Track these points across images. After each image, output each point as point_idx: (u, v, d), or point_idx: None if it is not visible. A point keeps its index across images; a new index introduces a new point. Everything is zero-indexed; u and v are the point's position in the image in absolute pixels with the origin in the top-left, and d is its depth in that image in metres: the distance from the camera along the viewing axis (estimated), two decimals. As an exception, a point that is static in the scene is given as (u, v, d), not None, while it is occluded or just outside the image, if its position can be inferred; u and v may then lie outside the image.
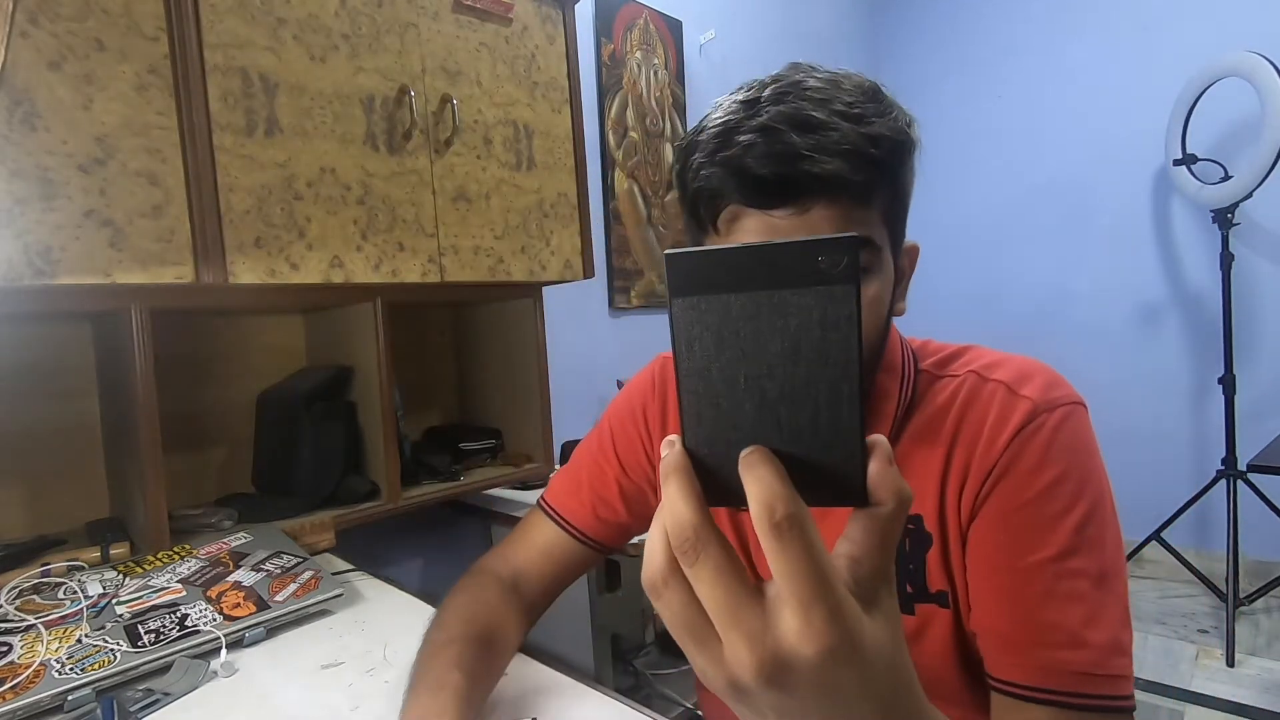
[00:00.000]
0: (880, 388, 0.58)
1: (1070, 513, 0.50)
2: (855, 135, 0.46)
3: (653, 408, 0.73)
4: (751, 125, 0.47)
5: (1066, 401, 0.53)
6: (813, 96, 0.47)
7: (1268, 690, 1.86)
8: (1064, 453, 0.51)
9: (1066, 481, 0.51)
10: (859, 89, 0.49)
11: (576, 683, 0.66)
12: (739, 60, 2.52)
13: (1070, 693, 0.47)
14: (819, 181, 0.46)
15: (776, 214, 0.47)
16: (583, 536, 0.74)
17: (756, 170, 0.46)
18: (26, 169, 0.80)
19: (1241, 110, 2.34)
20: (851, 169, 0.45)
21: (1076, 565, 0.49)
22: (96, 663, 0.69)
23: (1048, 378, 0.55)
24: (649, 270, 2.21)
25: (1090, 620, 0.48)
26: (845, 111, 0.46)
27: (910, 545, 0.56)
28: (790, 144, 0.45)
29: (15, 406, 1.07)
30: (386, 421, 1.20)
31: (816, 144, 0.45)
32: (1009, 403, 0.53)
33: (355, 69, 1.08)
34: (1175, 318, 2.67)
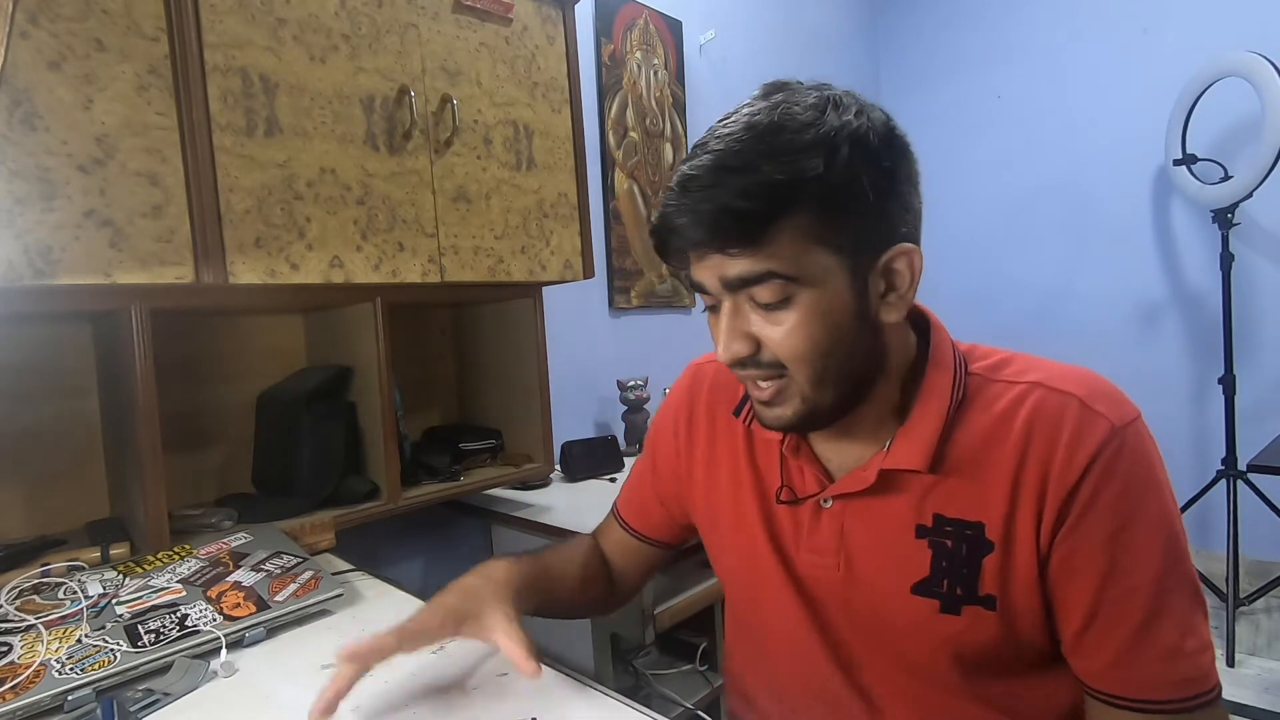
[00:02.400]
0: (930, 383, 0.59)
1: (1159, 532, 0.53)
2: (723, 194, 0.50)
3: (683, 421, 0.77)
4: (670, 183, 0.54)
5: (1134, 417, 0.55)
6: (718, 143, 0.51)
7: (1268, 690, 1.86)
8: (1146, 473, 0.54)
9: (1150, 502, 0.53)
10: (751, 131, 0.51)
11: (576, 683, 0.66)
12: (739, 60, 2.52)
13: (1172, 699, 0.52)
14: (701, 231, 0.51)
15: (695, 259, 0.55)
16: (643, 537, 0.83)
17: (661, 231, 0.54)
18: (26, 169, 0.80)
19: (1241, 110, 2.34)
20: (727, 219, 0.50)
21: (1171, 583, 0.53)
22: (96, 663, 0.69)
23: (1115, 394, 0.57)
24: (649, 270, 2.21)
25: (1186, 631, 0.52)
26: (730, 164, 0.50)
27: (967, 550, 0.56)
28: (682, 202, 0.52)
29: (15, 406, 1.07)
30: (386, 421, 1.20)
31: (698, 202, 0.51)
32: (1085, 419, 0.54)
33: (355, 69, 1.08)
34: (1175, 318, 2.67)
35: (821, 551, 0.62)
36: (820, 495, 0.62)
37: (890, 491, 0.59)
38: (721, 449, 0.72)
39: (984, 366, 0.60)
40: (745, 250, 0.51)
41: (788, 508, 0.65)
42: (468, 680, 0.68)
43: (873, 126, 0.52)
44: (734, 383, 0.72)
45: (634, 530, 0.83)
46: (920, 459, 0.56)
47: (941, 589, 0.57)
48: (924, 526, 0.57)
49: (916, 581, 0.57)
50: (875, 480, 0.58)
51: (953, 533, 0.56)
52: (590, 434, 1.90)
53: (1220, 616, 2.14)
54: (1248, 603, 2.15)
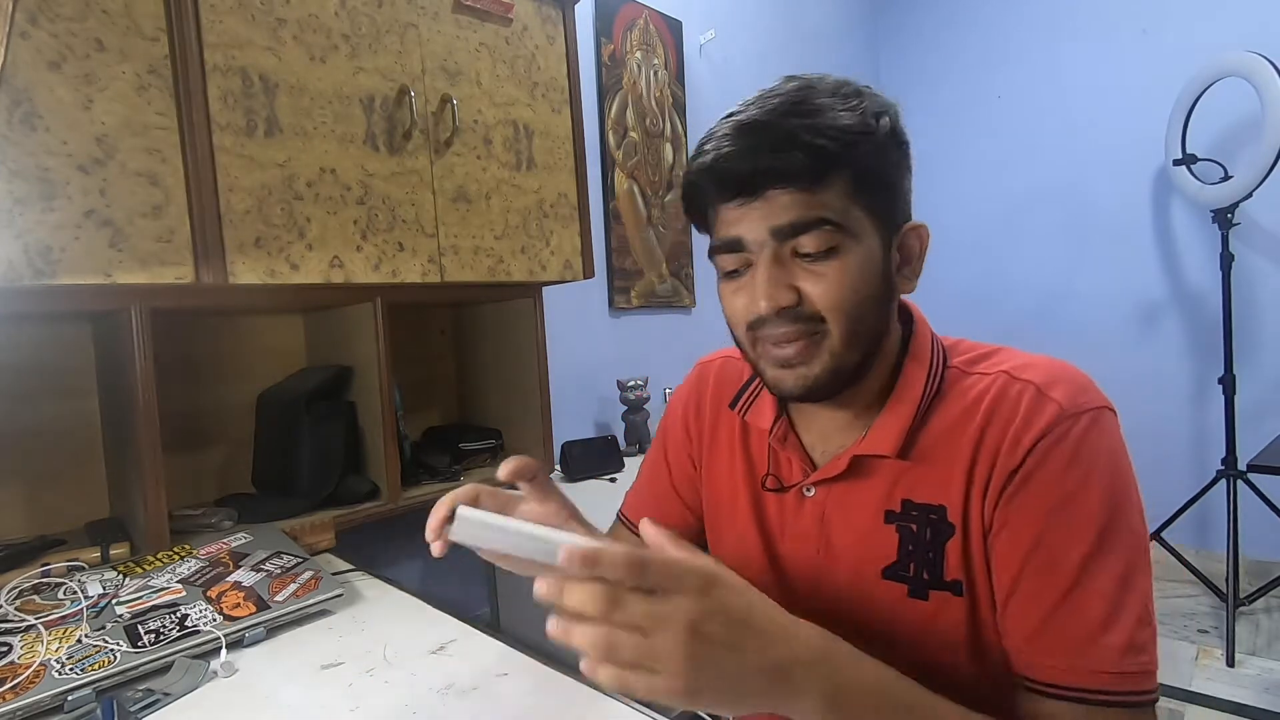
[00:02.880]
0: (906, 375, 0.60)
1: (1094, 519, 0.52)
2: (795, 129, 0.52)
3: (691, 415, 0.78)
4: (721, 132, 0.55)
5: (1094, 406, 0.54)
6: (768, 102, 0.54)
7: (1268, 690, 1.86)
8: (1089, 456, 0.53)
9: (1091, 488, 0.52)
10: (822, 89, 0.55)
11: (576, 683, 0.66)
12: (739, 60, 2.52)
13: (1087, 689, 0.50)
14: (765, 173, 0.53)
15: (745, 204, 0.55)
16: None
17: (720, 168, 0.55)
18: (26, 169, 0.80)
19: (1241, 110, 2.34)
20: (794, 159, 0.52)
21: (1098, 567, 0.51)
22: (96, 663, 0.69)
23: (1078, 382, 0.56)
24: (649, 270, 2.21)
25: (1108, 621, 0.50)
26: (791, 109, 0.53)
27: (931, 534, 0.58)
28: (743, 145, 0.53)
29: (15, 406, 1.07)
30: (386, 421, 1.20)
31: (762, 143, 0.53)
32: (1037, 404, 0.55)
33: (355, 69, 1.09)
34: (1175, 318, 2.67)
35: (802, 538, 0.64)
36: (803, 483, 0.64)
37: (863, 477, 0.61)
38: (721, 440, 0.74)
39: (963, 360, 0.62)
40: (804, 191, 0.53)
41: (775, 496, 0.67)
42: (468, 680, 0.68)
43: (900, 114, 0.57)
44: (736, 377, 0.74)
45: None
46: (890, 445, 0.58)
47: (909, 573, 0.58)
48: (892, 512, 0.59)
49: (885, 566, 0.59)
50: (847, 466, 0.60)
51: (918, 517, 0.58)
52: (590, 434, 1.90)
53: (1220, 616, 2.14)
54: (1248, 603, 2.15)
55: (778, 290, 0.55)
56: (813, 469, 0.64)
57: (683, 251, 2.33)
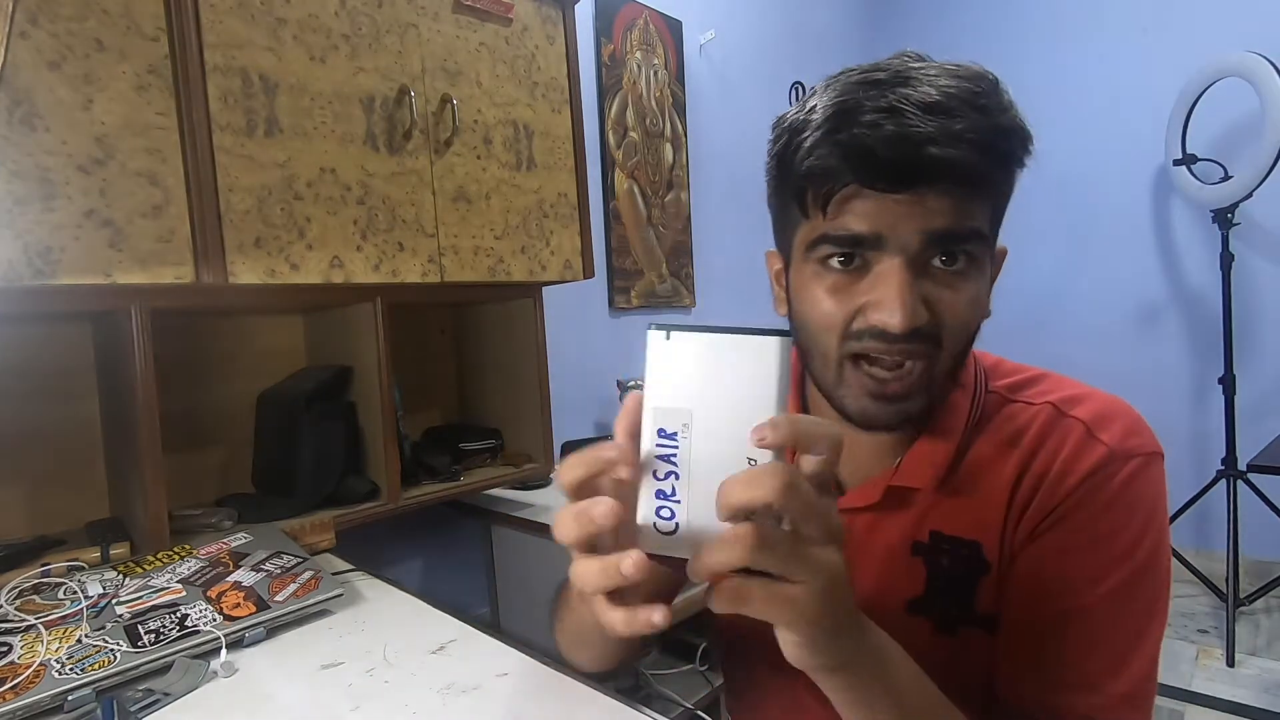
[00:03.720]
0: (950, 403, 0.56)
1: (1121, 562, 0.49)
2: (983, 124, 0.45)
3: None
4: (877, 106, 0.45)
5: (1143, 452, 0.51)
6: (937, 83, 0.46)
7: (1268, 690, 1.86)
8: (1130, 502, 0.50)
9: (1124, 535, 0.49)
10: (982, 78, 0.48)
11: (576, 683, 0.66)
12: (739, 60, 2.52)
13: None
14: (942, 168, 0.44)
15: (892, 197, 0.46)
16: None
17: (880, 152, 0.44)
18: (26, 169, 0.80)
19: (1241, 110, 2.34)
20: (975, 158, 0.44)
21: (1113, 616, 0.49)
22: (96, 663, 0.69)
23: (1127, 423, 0.52)
24: (649, 270, 2.21)
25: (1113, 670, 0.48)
26: (972, 100, 0.45)
27: (964, 570, 0.54)
28: (917, 128, 0.44)
29: (15, 406, 1.07)
30: (386, 421, 1.20)
31: (943, 129, 0.44)
32: (1085, 445, 0.51)
33: (355, 69, 1.08)
34: (1175, 318, 2.67)
35: None
36: None
37: (894, 508, 0.57)
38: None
39: (1005, 385, 0.58)
40: (966, 197, 0.46)
41: None
42: (468, 680, 0.68)
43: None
44: None
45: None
46: (928, 479, 0.55)
47: (936, 608, 0.55)
48: (921, 543, 0.56)
49: (911, 599, 0.56)
50: (880, 497, 0.56)
51: (950, 551, 0.55)
52: (590, 434, 1.90)
53: (1220, 616, 2.14)
54: (1248, 603, 2.15)
55: (918, 306, 0.47)
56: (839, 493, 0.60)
57: (683, 251, 2.33)
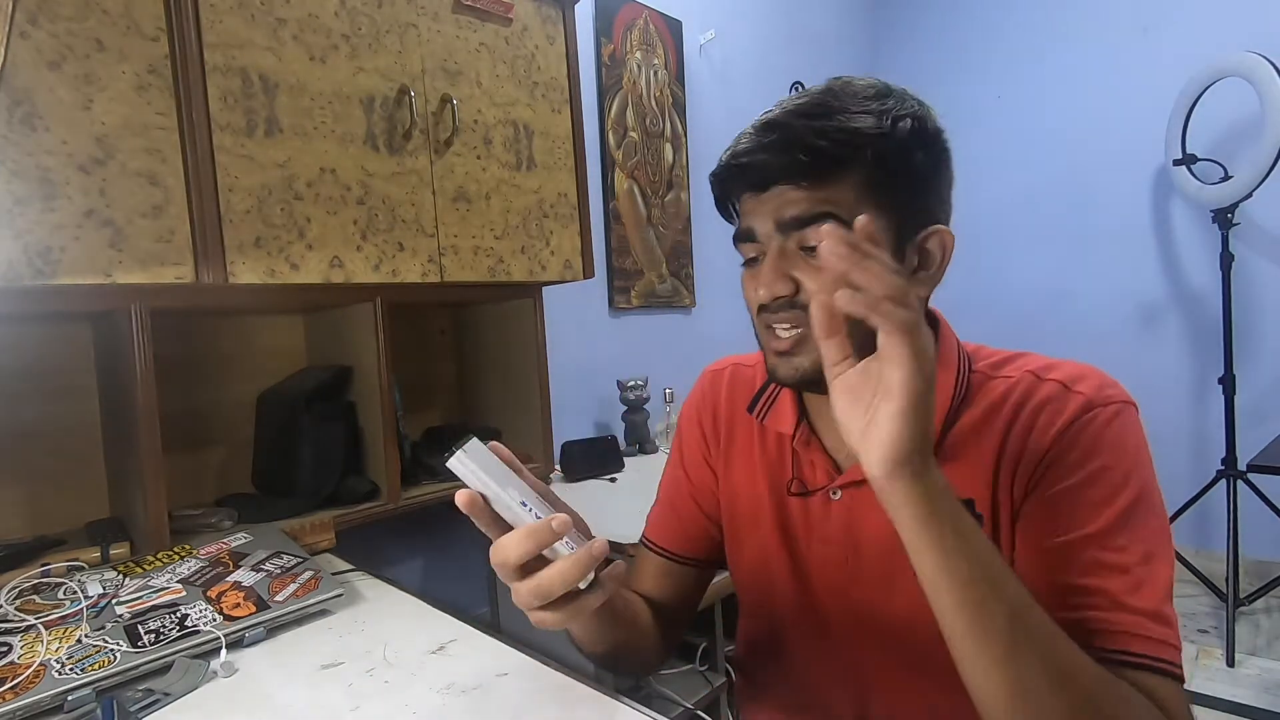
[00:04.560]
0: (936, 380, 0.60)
1: (1116, 498, 0.52)
2: (801, 131, 0.55)
3: (707, 421, 0.78)
4: (748, 129, 0.59)
5: (1119, 399, 0.57)
6: (791, 104, 0.58)
7: (1268, 690, 1.86)
8: (1114, 444, 0.54)
9: (1115, 470, 0.53)
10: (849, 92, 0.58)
11: (576, 683, 0.66)
12: (739, 60, 2.52)
13: (1113, 650, 0.49)
14: (773, 168, 0.57)
15: (753, 196, 0.59)
16: (676, 556, 0.78)
17: (735, 162, 0.59)
18: (26, 169, 0.80)
19: (1241, 110, 2.34)
20: (800, 157, 0.55)
21: (1120, 543, 0.51)
22: (96, 663, 0.69)
23: (1102, 379, 0.58)
24: (649, 270, 2.21)
25: (1133, 590, 0.50)
26: (805, 111, 0.57)
27: None
28: (759, 142, 0.57)
29: (15, 406, 1.07)
30: (386, 421, 1.20)
31: (774, 141, 0.56)
32: (1063, 397, 0.57)
33: (355, 69, 1.08)
34: (1175, 318, 2.67)
35: (831, 542, 0.64)
36: (829, 486, 0.64)
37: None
38: (739, 446, 0.74)
39: (987, 364, 0.63)
40: (809, 188, 0.56)
41: (800, 501, 0.67)
42: (468, 680, 0.68)
43: (929, 116, 0.60)
44: (750, 382, 0.74)
45: (667, 551, 0.79)
46: None
47: None
48: None
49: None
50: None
51: None
52: (590, 434, 1.90)
53: (1220, 616, 2.14)
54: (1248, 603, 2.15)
55: (776, 280, 0.57)
56: (838, 472, 0.64)
57: (683, 251, 2.33)
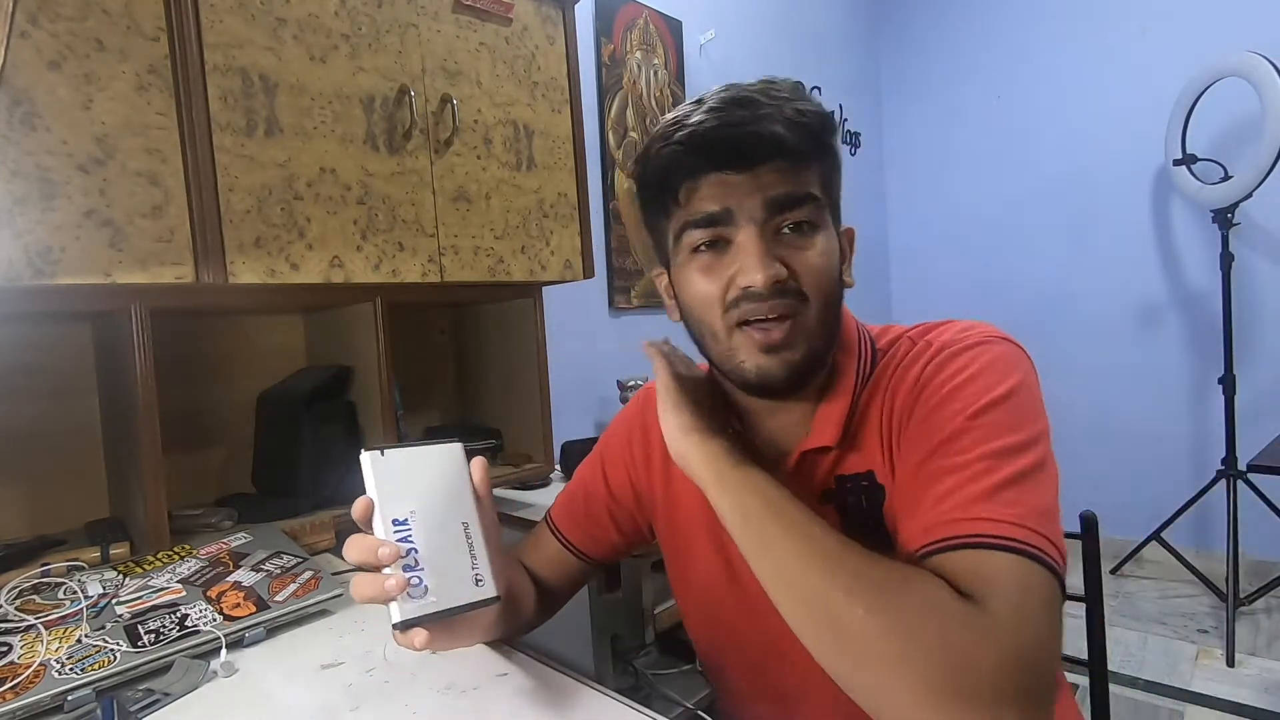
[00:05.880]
0: (837, 365, 0.62)
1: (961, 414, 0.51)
2: (789, 109, 0.54)
3: (637, 438, 0.78)
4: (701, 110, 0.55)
5: (976, 339, 0.56)
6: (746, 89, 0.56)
7: (1268, 690, 1.86)
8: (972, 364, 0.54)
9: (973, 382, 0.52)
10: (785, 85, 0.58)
11: (576, 683, 0.66)
12: (739, 60, 2.52)
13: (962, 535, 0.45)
14: (764, 142, 0.53)
15: (730, 175, 0.54)
16: (579, 553, 0.80)
17: (713, 136, 0.54)
18: (26, 169, 0.80)
19: (1241, 110, 2.34)
20: (789, 133, 0.53)
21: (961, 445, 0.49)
22: (96, 663, 0.69)
23: (965, 325, 0.58)
24: (649, 270, 2.21)
25: (968, 479, 0.47)
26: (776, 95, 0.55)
27: (866, 501, 0.59)
28: (737, 116, 0.54)
29: (15, 406, 1.07)
30: (386, 422, 1.20)
31: (758, 115, 0.54)
32: (922, 350, 0.58)
33: (355, 69, 1.08)
34: (1175, 318, 2.67)
35: None
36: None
37: (810, 471, 0.62)
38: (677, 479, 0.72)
39: (884, 344, 0.64)
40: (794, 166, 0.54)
41: None
42: (468, 680, 0.68)
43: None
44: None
45: (573, 546, 0.80)
46: (831, 436, 0.59)
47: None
48: (829, 490, 0.61)
49: None
50: (795, 464, 0.61)
51: (851, 488, 0.60)
52: (590, 434, 1.90)
53: (1220, 616, 2.14)
54: (1248, 603, 2.16)
55: (772, 264, 0.54)
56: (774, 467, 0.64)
57: (683, 251, 2.33)
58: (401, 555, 0.49)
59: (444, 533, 0.51)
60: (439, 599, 0.50)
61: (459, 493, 0.52)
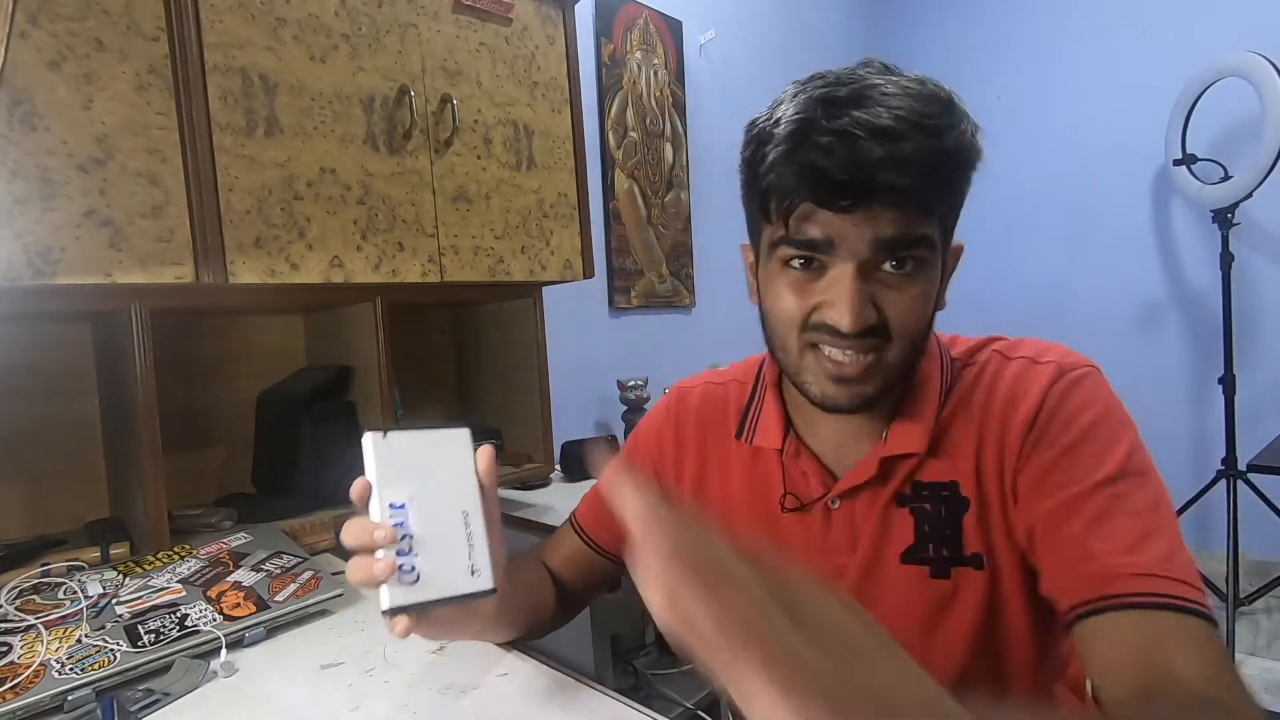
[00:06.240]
0: (924, 373, 0.61)
1: (1113, 447, 0.52)
2: (929, 150, 0.48)
3: (669, 440, 0.75)
4: (830, 128, 0.49)
5: (1085, 364, 0.58)
6: (890, 104, 0.49)
7: (1268, 690, 1.86)
8: (1095, 400, 0.55)
9: (1104, 423, 0.54)
10: (934, 99, 0.51)
11: (576, 683, 0.66)
12: (739, 60, 2.52)
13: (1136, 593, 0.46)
14: (891, 191, 0.49)
15: (845, 217, 0.50)
16: (599, 548, 0.78)
17: (834, 175, 0.49)
18: (26, 169, 0.80)
19: (1241, 110, 2.34)
20: (921, 183, 0.49)
21: (1124, 489, 0.51)
22: (96, 663, 0.69)
23: (1065, 350, 0.59)
24: (649, 270, 2.21)
25: (1146, 535, 0.49)
26: (920, 123, 0.49)
27: (945, 511, 0.58)
28: (867, 151, 0.48)
29: (15, 406, 1.07)
30: (386, 421, 1.20)
31: (891, 154, 0.48)
32: (1031, 370, 0.58)
33: (355, 69, 1.08)
34: (1175, 318, 2.67)
35: (836, 553, 0.62)
36: (826, 497, 0.62)
37: (888, 478, 0.61)
38: (713, 473, 0.71)
39: (961, 353, 0.64)
40: (923, 208, 0.51)
41: (797, 517, 0.64)
42: (468, 680, 0.68)
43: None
44: (722, 405, 0.72)
45: (596, 544, 0.78)
46: (920, 443, 0.59)
47: (929, 554, 0.58)
48: (903, 494, 0.60)
49: (904, 550, 0.59)
50: (877, 470, 0.60)
51: (930, 495, 0.59)
52: (590, 434, 1.90)
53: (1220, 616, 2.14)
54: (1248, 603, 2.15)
55: (866, 307, 0.52)
56: (833, 480, 0.63)
57: (683, 251, 2.33)
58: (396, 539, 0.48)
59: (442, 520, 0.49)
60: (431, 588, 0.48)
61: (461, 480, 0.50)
